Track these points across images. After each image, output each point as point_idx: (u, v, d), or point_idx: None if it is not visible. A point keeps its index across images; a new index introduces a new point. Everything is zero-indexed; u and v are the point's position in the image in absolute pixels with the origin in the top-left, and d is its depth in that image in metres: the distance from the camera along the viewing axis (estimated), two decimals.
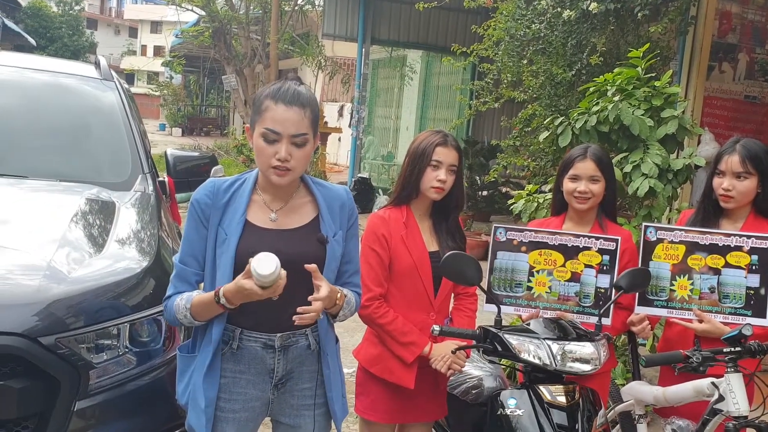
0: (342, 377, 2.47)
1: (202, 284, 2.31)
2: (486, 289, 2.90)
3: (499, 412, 2.62)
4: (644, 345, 5.07)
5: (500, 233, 2.96)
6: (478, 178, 11.25)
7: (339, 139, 19.60)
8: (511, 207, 5.33)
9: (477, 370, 3.27)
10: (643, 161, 4.53)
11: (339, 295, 2.29)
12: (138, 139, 3.77)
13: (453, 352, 2.74)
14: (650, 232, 2.94)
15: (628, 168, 4.59)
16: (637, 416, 3.21)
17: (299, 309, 2.13)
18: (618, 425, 3.38)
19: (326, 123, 17.75)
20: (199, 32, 14.85)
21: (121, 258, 2.69)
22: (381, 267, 2.84)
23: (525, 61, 6.60)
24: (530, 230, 2.99)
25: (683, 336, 2.93)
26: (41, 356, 2.20)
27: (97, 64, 4.34)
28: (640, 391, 3.10)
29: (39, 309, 2.27)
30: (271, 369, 2.29)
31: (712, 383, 2.65)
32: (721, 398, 2.62)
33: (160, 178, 3.83)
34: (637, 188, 4.49)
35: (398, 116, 17.29)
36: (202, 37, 14.72)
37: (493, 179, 8.64)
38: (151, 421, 2.46)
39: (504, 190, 11.16)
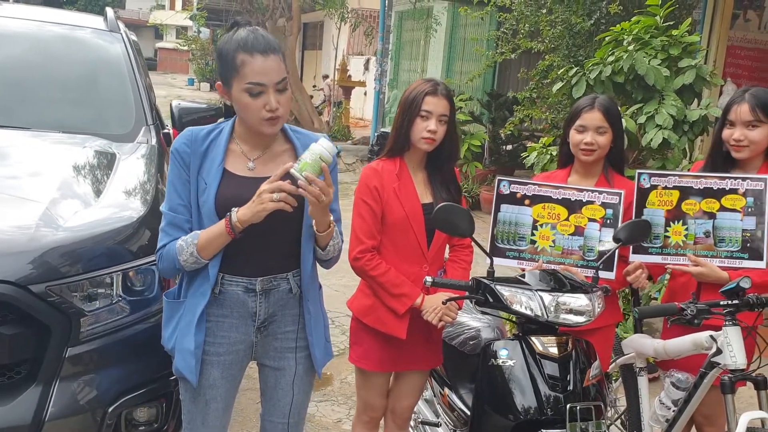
0: (325, 322, 2.51)
1: None
2: (490, 241, 2.89)
3: (490, 362, 2.61)
4: (657, 299, 5.03)
5: (504, 186, 2.92)
6: (501, 132, 11.10)
7: (365, 94, 19.47)
8: (524, 159, 5.28)
9: (475, 321, 3.28)
10: (658, 112, 4.44)
11: (331, 221, 2.30)
12: (143, 91, 3.77)
13: (444, 303, 2.73)
14: (644, 179, 2.88)
15: (642, 119, 4.51)
16: (638, 369, 3.20)
17: (301, 182, 2.12)
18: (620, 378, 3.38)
19: (350, 77, 17.64)
20: None
21: (117, 207, 2.72)
22: (373, 219, 2.83)
23: (544, 11, 6.44)
24: (534, 184, 2.96)
25: (686, 287, 2.90)
26: (31, 303, 2.24)
27: (105, 17, 4.33)
28: (641, 344, 3.09)
29: (30, 257, 2.30)
30: (253, 312, 2.33)
31: (711, 336, 2.62)
32: (718, 351, 2.59)
33: (166, 130, 3.83)
34: (651, 139, 4.41)
35: (424, 69, 17.03)
36: None
37: (509, 132, 8.51)
38: (145, 368, 2.50)
39: (528, 144, 10.99)
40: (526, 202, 2.91)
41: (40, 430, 2.25)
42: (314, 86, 22.31)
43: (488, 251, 2.81)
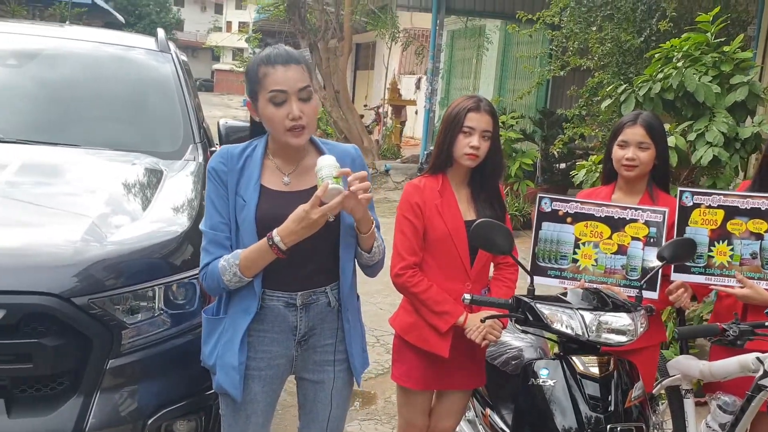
0: (362, 331, 2.53)
1: None
2: (531, 259, 2.86)
3: (531, 382, 2.58)
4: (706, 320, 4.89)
5: (545, 204, 2.90)
6: (551, 149, 10.98)
7: (416, 112, 19.52)
8: (573, 177, 5.22)
9: (518, 341, 3.24)
10: (708, 129, 4.35)
11: (371, 220, 2.33)
12: (191, 110, 3.85)
13: (482, 321, 2.70)
14: (686, 197, 2.82)
15: (692, 136, 4.42)
16: (684, 391, 3.10)
17: (351, 178, 2.16)
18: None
19: (400, 95, 17.71)
20: (275, 5, 15.00)
21: (161, 222, 2.77)
22: (414, 235, 2.82)
23: (594, 28, 6.38)
24: (576, 201, 2.92)
25: (732, 309, 2.81)
26: (74, 316, 2.30)
27: (156, 38, 4.45)
28: (687, 366, 3.00)
29: (74, 270, 2.36)
30: (294, 327, 2.35)
31: (757, 358, 2.53)
32: (765, 374, 2.50)
33: (213, 148, 3.90)
34: (701, 157, 4.32)
35: (476, 88, 17.02)
36: (277, 10, 14.88)
37: (559, 149, 8.42)
38: (185, 381, 2.54)
39: (580, 162, 10.85)
40: (568, 219, 2.87)
41: None
42: (365, 105, 22.47)
43: (529, 269, 2.78)
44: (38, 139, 3.42)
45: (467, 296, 2.61)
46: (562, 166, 11.18)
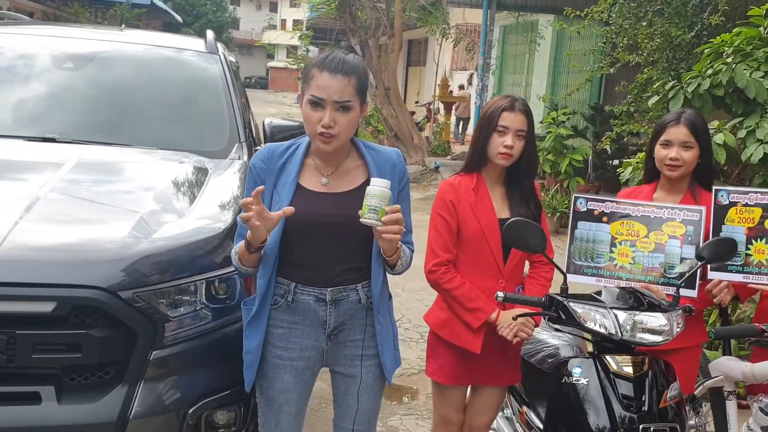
0: (394, 331, 2.57)
1: None
2: (567, 257, 2.86)
3: (563, 380, 2.59)
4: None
5: (581, 203, 2.90)
6: (598, 146, 10.83)
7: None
8: (620, 175, 5.17)
9: (555, 339, 3.25)
10: (759, 126, 4.26)
11: (398, 244, 2.37)
12: (237, 110, 3.95)
13: (513, 319, 2.72)
14: (722, 196, 2.80)
15: (742, 134, 4.34)
16: (726, 393, 3.07)
17: (386, 218, 2.20)
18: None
19: (451, 92, 17.67)
20: (327, 3, 15.13)
21: (205, 219, 2.86)
22: (448, 233, 2.86)
23: (645, 23, 6.28)
24: (612, 201, 2.92)
25: None
26: (119, 309, 2.40)
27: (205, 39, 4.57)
28: (728, 367, 2.96)
29: (121, 265, 2.47)
30: (323, 321, 2.42)
31: None
32: None
33: (258, 147, 3.99)
34: (751, 155, 4.24)
35: (528, 83, 16.87)
36: (329, 8, 15.01)
37: (606, 146, 8.30)
38: (225, 373, 2.61)
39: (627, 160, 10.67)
40: (604, 219, 2.87)
41: (125, 428, 2.40)
42: (416, 102, 22.47)
43: (565, 268, 2.79)
44: (92, 139, 3.56)
45: (500, 294, 2.64)
46: (615, 162, 11.00)
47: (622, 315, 2.49)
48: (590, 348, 2.85)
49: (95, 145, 3.51)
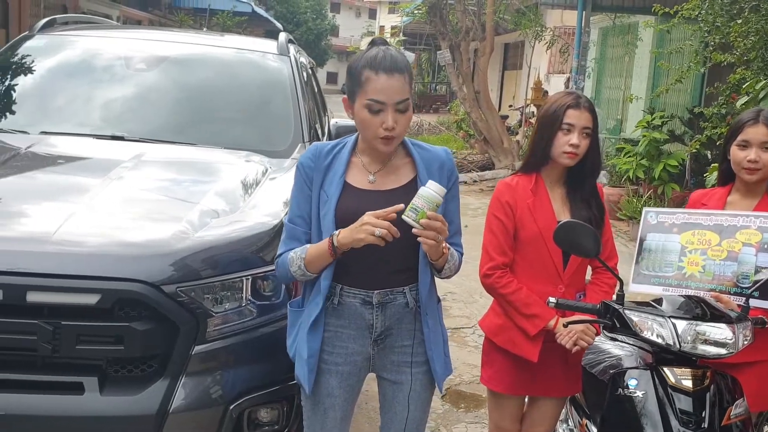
0: (444, 336, 2.48)
1: None
2: (633, 267, 2.73)
3: (618, 392, 2.46)
4: None
5: (651, 217, 2.80)
6: (686, 150, 10.34)
7: None
8: (707, 180, 4.90)
9: (618, 349, 3.08)
10: None
11: (444, 245, 2.29)
12: (302, 110, 3.97)
13: (564, 326, 2.59)
14: None
15: None
16: None
17: (424, 222, 2.14)
18: None
19: (545, 95, 17.31)
20: (418, 8, 15.12)
21: (255, 217, 2.87)
22: (504, 235, 2.76)
23: (740, 21, 5.93)
24: (682, 212, 2.78)
25: None
26: (162, 303, 2.42)
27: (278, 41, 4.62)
28: None
29: (164, 260, 2.50)
30: (370, 324, 2.36)
31: None
32: None
33: None
34: None
35: (628, 86, 16.31)
36: (420, 13, 14.97)
37: (695, 150, 7.89)
38: (268, 370, 2.61)
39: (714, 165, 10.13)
40: (674, 230, 2.73)
41: (165, 421, 2.42)
42: (510, 106, 22.18)
43: (631, 278, 2.65)
44: (160, 138, 3.66)
45: (552, 299, 2.53)
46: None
47: (681, 325, 2.34)
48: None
49: (161, 143, 3.60)
